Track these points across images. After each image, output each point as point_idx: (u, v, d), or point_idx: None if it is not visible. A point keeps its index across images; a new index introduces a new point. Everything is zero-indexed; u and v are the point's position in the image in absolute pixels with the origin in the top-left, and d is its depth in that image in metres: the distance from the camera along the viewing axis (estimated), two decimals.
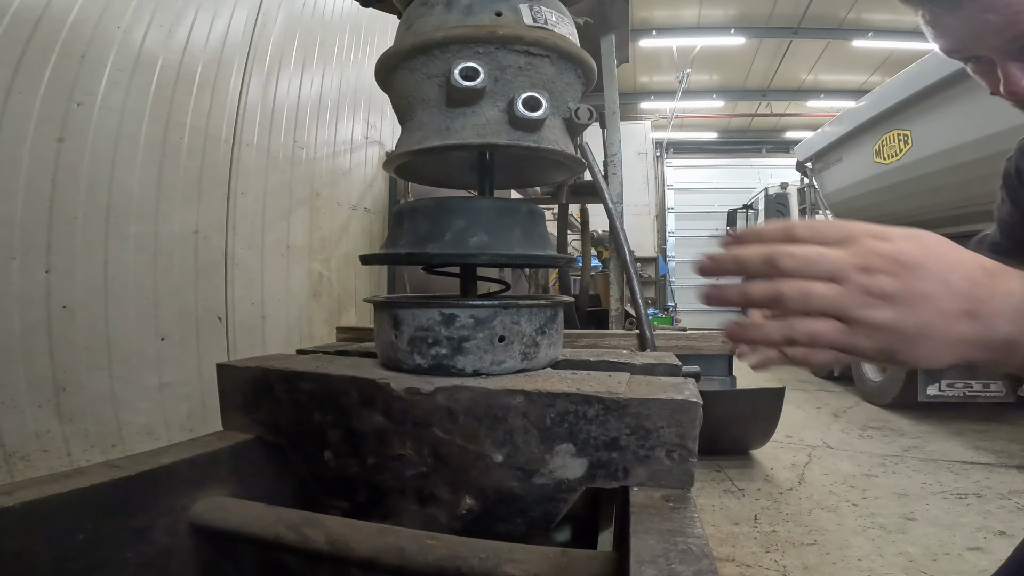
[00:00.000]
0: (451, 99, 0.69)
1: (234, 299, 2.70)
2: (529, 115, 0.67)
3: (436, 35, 0.69)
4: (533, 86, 0.70)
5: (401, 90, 0.76)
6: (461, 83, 0.66)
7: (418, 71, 0.72)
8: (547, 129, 0.72)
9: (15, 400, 1.81)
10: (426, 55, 0.70)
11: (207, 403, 2.46)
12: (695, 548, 0.40)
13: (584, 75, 0.77)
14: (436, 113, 0.72)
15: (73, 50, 1.95)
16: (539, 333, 0.70)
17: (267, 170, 2.97)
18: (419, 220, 0.73)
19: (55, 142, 1.91)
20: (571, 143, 0.79)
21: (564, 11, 0.77)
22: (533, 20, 0.70)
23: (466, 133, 0.69)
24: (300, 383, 0.67)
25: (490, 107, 0.70)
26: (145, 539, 0.58)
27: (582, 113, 0.74)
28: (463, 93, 0.67)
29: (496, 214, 0.72)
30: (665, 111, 12.61)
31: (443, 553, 0.51)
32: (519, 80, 0.70)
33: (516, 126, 0.69)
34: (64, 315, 1.94)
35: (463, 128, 0.70)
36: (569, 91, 0.75)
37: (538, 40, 0.69)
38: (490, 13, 0.70)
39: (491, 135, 0.69)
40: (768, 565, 2.26)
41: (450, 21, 0.70)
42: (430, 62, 0.70)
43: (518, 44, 0.68)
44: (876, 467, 3.47)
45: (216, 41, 2.58)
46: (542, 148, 0.70)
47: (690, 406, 0.55)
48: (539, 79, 0.71)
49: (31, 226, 1.86)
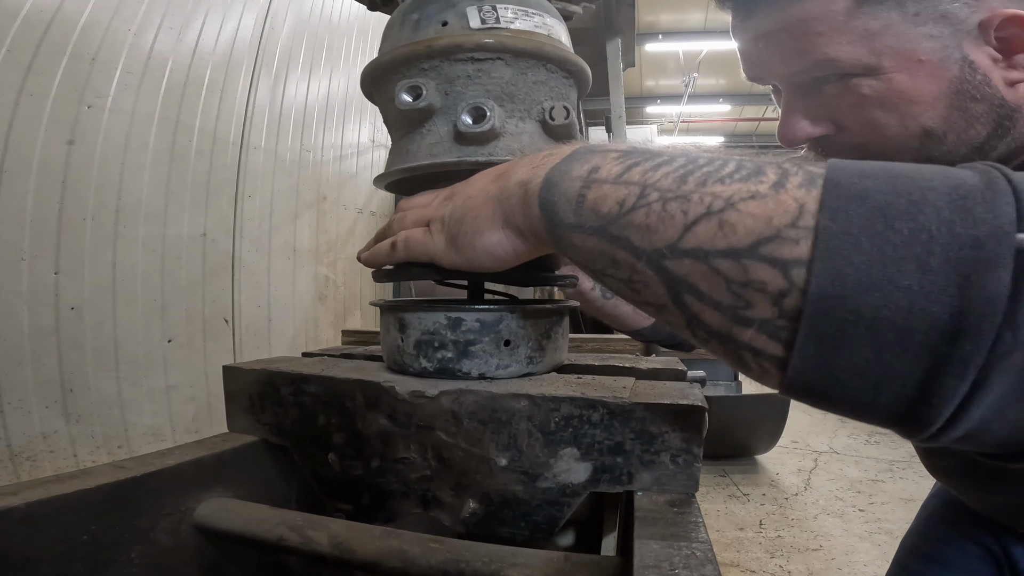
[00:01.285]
0: (407, 120, 0.67)
1: (241, 302, 2.72)
2: (474, 129, 0.63)
3: (383, 59, 0.67)
4: (487, 93, 0.65)
5: (382, 113, 0.75)
6: (404, 103, 0.63)
7: (384, 95, 0.70)
8: (509, 138, 0.66)
9: (22, 401, 1.82)
10: (382, 79, 0.68)
11: (213, 405, 2.47)
12: (699, 553, 0.40)
13: (560, 69, 0.70)
14: (401, 135, 0.70)
15: (84, 52, 1.97)
16: (545, 337, 0.70)
17: (274, 173, 2.98)
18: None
19: (65, 144, 1.93)
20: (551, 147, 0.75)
21: (532, 2, 0.70)
22: (481, 22, 0.66)
23: (420, 154, 0.66)
24: (305, 386, 0.68)
25: (443, 123, 0.66)
26: (149, 540, 0.58)
27: (556, 113, 0.67)
28: (411, 114, 0.65)
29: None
30: (671, 115, 12.61)
31: (446, 556, 0.51)
32: (470, 90, 0.65)
33: (464, 141, 0.65)
34: (72, 316, 1.96)
35: (419, 150, 0.66)
36: (540, 90, 0.69)
37: (480, 44, 0.63)
38: (436, 24, 0.66)
39: (443, 154, 0.65)
40: (773, 570, 2.25)
41: (401, 40, 0.67)
42: (385, 85, 0.68)
43: (459, 53, 0.63)
44: (883, 472, 3.45)
45: (225, 44, 2.60)
46: (494, 161, 0.64)
47: (695, 411, 0.54)
48: (494, 84, 0.65)
49: (41, 228, 1.87)
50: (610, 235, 0.35)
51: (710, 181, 0.32)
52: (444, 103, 0.66)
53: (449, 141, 0.66)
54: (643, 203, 0.34)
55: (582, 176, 0.38)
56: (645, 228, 0.33)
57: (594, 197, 0.36)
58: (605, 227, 0.35)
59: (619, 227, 0.35)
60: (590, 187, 0.37)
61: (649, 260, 0.33)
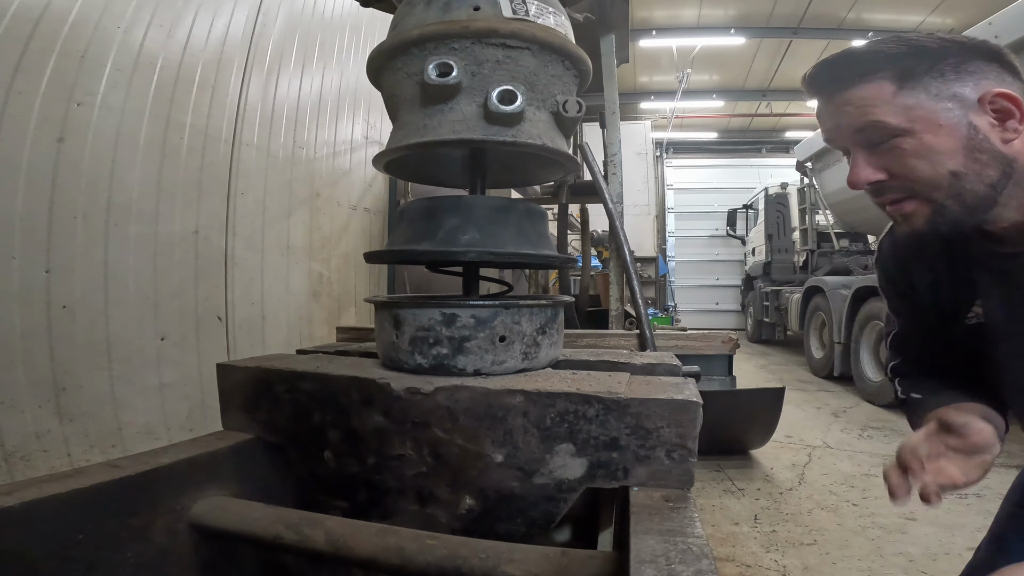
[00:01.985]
0: (428, 96, 0.68)
1: (234, 299, 2.70)
2: (504, 109, 0.66)
3: (412, 33, 0.68)
4: (512, 79, 0.69)
5: (388, 89, 0.76)
6: (435, 80, 0.65)
7: (400, 70, 0.71)
8: (528, 123, 0.70)
9: (15, 400, 1.81)
10: (405, 54, 0.70)
11: (207, 403, 2.46)
12: (695, 548, 0.40)
13: (574, 67, 0.75)
14: (416, 111, 0.71)
15: (73, 50, 1.95)
16: (540, 333, 0.70)
17: (267, 170, 2.97)
18: (415, 219, 0.73)
19: (55, 142, 1.91)
20: (561, 138, 0.76)
21: (553, 2, 0.75)
22: (513, 12, 0.69)
23: (443, 130, 0.68)
24: (300, 383, 0.67)
25: (468, 103, 0.69)
26: (145, 539, 0.58)
27: (570, 106, 0.72)
28: (439, 90, 0.66)
29: (490, 212, 0.72)
30: (665, 111, 12.61)
31: (443, 553, 0.51)
32: (497, 74, 0.68)
33: (492, 121, 0.68)
34: (64, 315, 1.94)
35: (440, 125, 0.69)
36: (556, 84, 0.73)
37: (515, 32, 0.67)
38: (468, 8, 0.69)
39: (467, 131, 0.68)
40: (768, 565, 2.26)
41: (428, 19, 0.70)
42: (409, 61, 0.70)
43: (494, 37, 0.67)
44: (876, 467, 3.47)
45: (216, 41, 2.58)
46: (519, 143, 0.68)
47: (690, 406, 0.55)
48: (519, 72, 0.69)
49: (31, 226, 1.86)
50: None
51: None
52: (470, 83, 0.68)
53: (475, 119, 0.69)
54: None
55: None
56: None
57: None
58: None
59: None
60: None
61: None
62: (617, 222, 2.15)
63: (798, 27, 9.88)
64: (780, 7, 9.45)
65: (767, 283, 9.81)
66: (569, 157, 0.75)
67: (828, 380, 6.53)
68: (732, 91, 12.54)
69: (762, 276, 10.14)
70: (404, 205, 0.77)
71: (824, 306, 6.69)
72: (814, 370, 7.11)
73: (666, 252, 13.64)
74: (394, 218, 0.81)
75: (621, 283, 2.67)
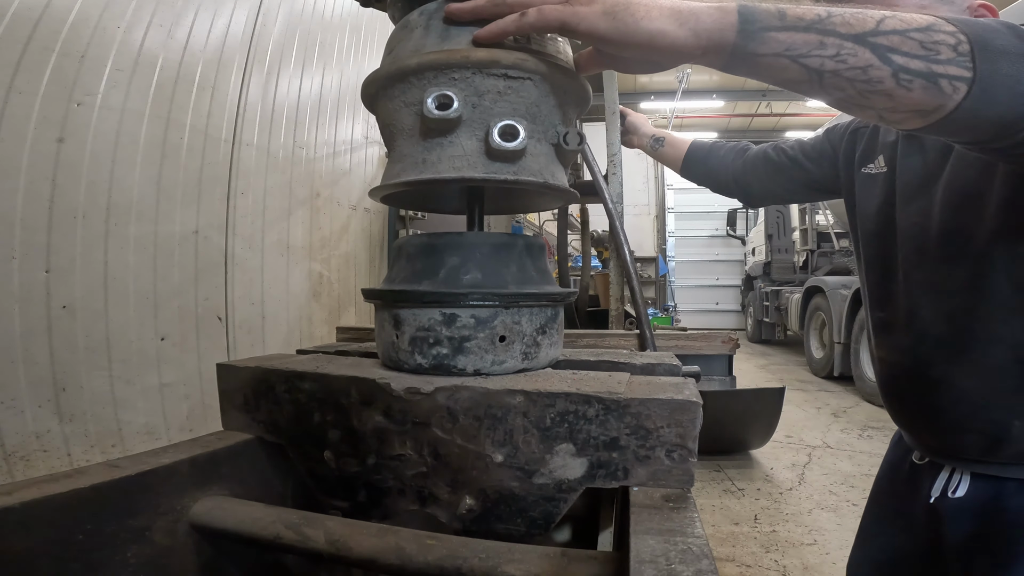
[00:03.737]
0: (427, 129, 0.66)
1: (234, 299, 2.70)
2: (506, 146, 0.64)
3: (411, 62, 0.65)
4: (514, 111, 0.66)
5: (383, 117, 0.73)
6: (435, 113, 0.62)
7: (397, 99, 0.68)
8: (529, 158, 0.68)
9: (15, 400, 1.81)
10: (403, 82, 0.67)
11: (207, 403, 2.46)
12: (695, 548, 0.40)
13: (575, 96, 0.73)
14: (414, 144, 0.68)
15: (73, 50, 1.95)
16: (540, 333, 0.70)
17: (267, 170, 2.97)
18: (414, 256, 0.72)
19: (55, 142, 1.91)
20: (561, 171, 0.74)
21: None
22: (514, 40, 0.67)
23: (442, 166, 0.66)
24: (300, 383, 0.67)
25: (468, 136, 0.66)
26: (145, 539, 0.58)
27: (571, 138, 0.70)
28: (438, 123, 0.64)
29: (491, 250, 0.70)
30: (665, 111, 12.63)
31: (443, 553, 0.51)
32: (499, 106, 0.66)
33: (493, 157, 0.65)
34: (64, 315, 1.94)
35: (439, 161, 0.66)
36: (557, 114, 0.71)
37: (517, 62, 0.64)
38: (468, 35, 0.66)
39: (467, 168, 0.65)
40: (768, 565, 2.26)
41: (427, 45, 0.67)
42: (407, 89, 0.67)
43: (495, 68, 0.64)
44: (876, 467, 3.47)
45: (216, 41, 2.58)
46: (521, 180, 0.66)
47: (690, 406, 0.55)
48: (521, 103, 0.66)
49: (31, 226, 1.86)
50: (817, 29, 0.54)
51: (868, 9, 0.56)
52: (471, 116, 0.66)
53: (475, 155, 0.66)
54: (837, 13, 0.55)
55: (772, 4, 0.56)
56: (846, 24, 0.54)
57: (795, 13, 0.55)
58: (811, 25, 0.54)
59: (824, 24, 0.54)
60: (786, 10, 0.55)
61: (856, 39, 0.54)
62: (617, 222, 2.14)
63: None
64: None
65: (767, 283, 9.83)
66: (566, 190, 0.73)
67: (828, 380, 6.53)
68: (732, 91, 12.56)
69: (762, 276, 10.15)
70: (401, 240, 0.76)
71: (824, 306, 6.70)
72: (814, 370, 7.11)
73: (666, 252, 13.65)
74: (392, 252, 0.80)
75: (621, 283, 2.67)
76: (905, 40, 0.53)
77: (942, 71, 0.53)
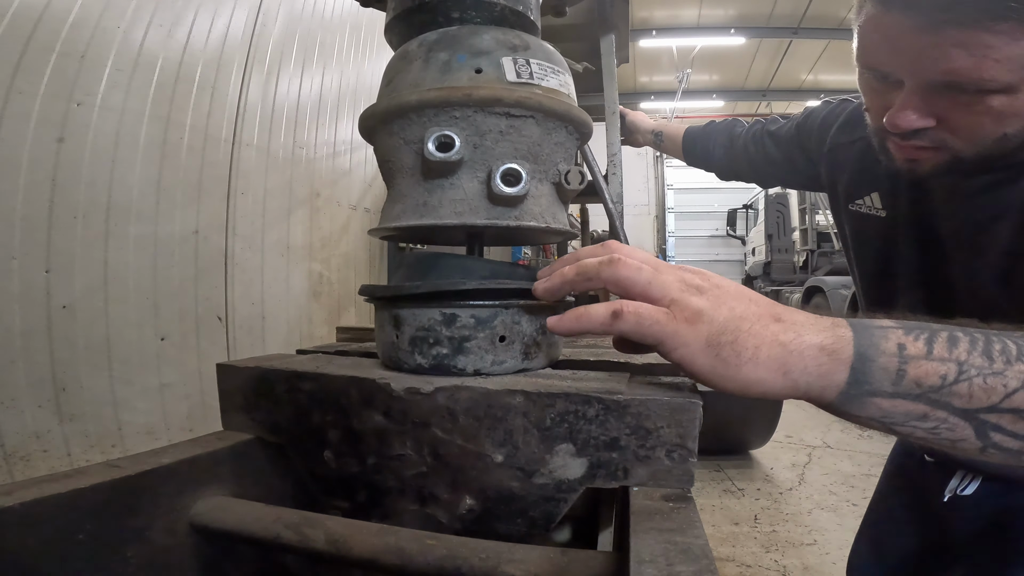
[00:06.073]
0: (428, 169, 0.64)
1: (234, 299, 2.70)
2: (507, 191, 0.62)
3: (411, 98, 0.63)
4: (515, 152, 0.64)
5: (382, 153, 0.72)
6: (436, 155, 0.60)
7: (396, 135, 0.66)
8: (531, 201, 0.66)
9: (15, 400, 1.81)
10: (402, 119, 0.65)
11: (207, 403, 2.46)
12: (695, 548, 0.40)
13: (577, 131, 0.71)
14: (415, 184, 0.67)
15: (73, 50, 1.95)
16: (540, 333, 0.70)
17: (267, 170, 2.97)
18: (413, 264, 0.71)
19: (55, 142, 1.91)
20: (562, 211, 0.72)
21: (555, 58, 0.70)
22: (517, 75, 0.64)
23: (443, 211, 0.64)
24: (300, 383, 0.67)
25: (469, 178, 0.64)
26: (145, 539, 0.58)
27: (572, 177, 0.68)
28: (439, 165, 0.62)
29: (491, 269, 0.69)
30: (665, 111, 12.63)
31: (443, 553, 0.51)
32: (501, 146, 0.64)
33: (494, 201, 0.64)
34: (64, 315, 1.94)
35: (440, 205, 0.64)
36: (559, 152, 0.69)
37: (519, 100, 0.62)
38: (469, 71, 0.63)
39: (469, 213, 0.64)
40: (768, 565, 2.26)
41: (427, 80, 0.64)
42: (407, 126, 0.65)
43: (497, 106, 0.62)
44: (876, 467, 3.47)
45: (216, 41, 2.58)
46: (523, 226, 0.65)
47: (690, 406, 0.55)
48: (523, 143, 0.65)
49: (31, 226, 1.86)
50: (930, 400, 0.46)
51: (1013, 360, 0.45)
52: (472, 156, 0.63)
53: (477, 199, 0.64)
54: (964, 378, 0.45)
55: (895, 353, 0.46)
56: (968, 396, 0.45)
57: (917, 373, 0.46)
58: (926, 394, 0.46)
59: (941, 395, 0.46)
60: (908, 363, 0.46)
61: (964, 415, 0.45)
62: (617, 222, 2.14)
63: (798, 27, 9.88)
64: (780, 7, 9.45)
65: (767, 283, 9.83)
66: (568, 232, 0.72)
67: None
68: (732, 91, 12.57)
69: (762, 276, 10.15)
70: (404, 255, 0.75)
71: (824, 306, 6.69)
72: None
73: (666, 252, 13.65)
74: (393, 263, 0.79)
75: None
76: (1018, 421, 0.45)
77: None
